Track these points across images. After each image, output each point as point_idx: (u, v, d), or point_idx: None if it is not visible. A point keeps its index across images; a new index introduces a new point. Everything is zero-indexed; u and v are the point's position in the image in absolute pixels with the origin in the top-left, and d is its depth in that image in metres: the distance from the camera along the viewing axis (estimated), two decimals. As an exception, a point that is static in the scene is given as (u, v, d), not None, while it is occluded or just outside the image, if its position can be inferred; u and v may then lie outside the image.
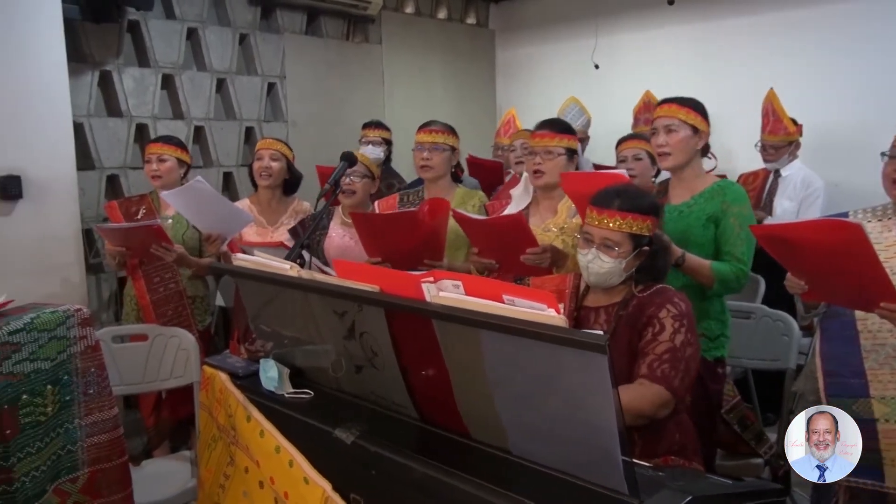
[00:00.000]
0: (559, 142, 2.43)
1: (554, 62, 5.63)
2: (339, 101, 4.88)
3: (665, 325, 1.80)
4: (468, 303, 1.35)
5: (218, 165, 4.29)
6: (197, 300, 3.16)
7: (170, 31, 4.05)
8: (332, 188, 2.56)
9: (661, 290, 1.89)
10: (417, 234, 2.44)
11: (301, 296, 1.76)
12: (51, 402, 1.66)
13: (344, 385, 1.81)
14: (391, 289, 1.52)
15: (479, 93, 5.90)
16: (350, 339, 1.66)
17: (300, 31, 4.71)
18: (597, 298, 1.96)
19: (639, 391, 1.74)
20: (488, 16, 6.06)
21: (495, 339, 1.31)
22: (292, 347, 1.94)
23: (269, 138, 3.35)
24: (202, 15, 4.20)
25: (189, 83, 4.14)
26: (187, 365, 2.75)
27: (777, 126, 3.82)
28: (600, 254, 1.86)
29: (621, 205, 1.86)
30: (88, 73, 3.72)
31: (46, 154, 3.11)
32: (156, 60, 3.99)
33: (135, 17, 3.88)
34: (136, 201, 3.16)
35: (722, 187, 2.29)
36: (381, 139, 4.05)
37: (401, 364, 1.58)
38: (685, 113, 2.28)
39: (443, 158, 2.82)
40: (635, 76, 4.98)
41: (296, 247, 2.43)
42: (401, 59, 5.30)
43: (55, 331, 1.69)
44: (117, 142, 3.85)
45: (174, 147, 3.12)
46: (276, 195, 3.24)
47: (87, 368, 1.76)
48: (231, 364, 2.04)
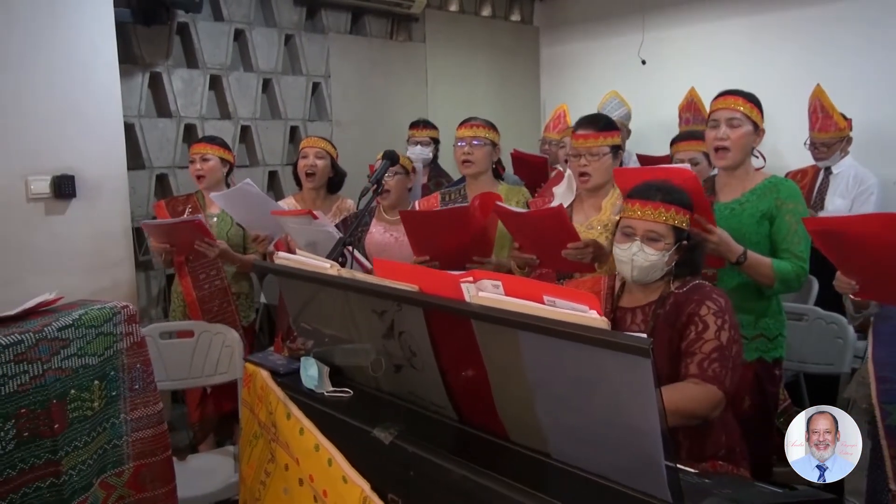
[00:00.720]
0: (603, 140, 2.37)
1: (599, 58, 5.55)
2: (383, 100, 4.90)
3: (708, 323, 1.76)
4: (508, 303, 1.33)
5: (263, 164, 4.35)
6: (241, 297, 3.21)
7: (217, 32, 4.12)
8: (375, 186, 2.57)
9: (698, 286, 1.86)
10: (468, 230, 2.41)
11: (341, 294, 1.76)
12: (98, 397, 1.69)
13: (383, 384, 1.80)
14: (430, 288, 1.50)
15: (523, 90, 5.86)
16: (389, 338, 1.65)
17: (345, 31, 4.74)
18: (633, 298, 1.93)
19: (691, 391, 1.70)
20: (532, 12, 6.01)
21: (535, 341, 1.29)
22: (332, 346, 1.94)
23: (313, 136, 3.37)
24: (249, 16, 4.26)
25: (236, 84, 4.21)
26: (231, 361, 2.79)
27: (827, 122, 3.69)
28: (645, 246, 1.82)
29: (664, 197, 1.84)
30: (139, 75, 3.81)
31: (98, 154, 3.19)
32: (204, 62, 4.06)
33: (184, 20, 3.95)
34: (183, 200, 3.22)
35: (774, 184, 2.22)
36: (430, 139, 4.04)
37: (440, 364, 1.57)
38: (749, 107, 2.21)
39: (484, 153, 2.79)
40: (682, 72, 4.88)
41: (338, 245, 2.43)
42: (444, 58, 5.29)
43: (102, 327, 1.72)
44: (166, 142, 3.93)
45: (217, 147, 3.17)
46: (320, 193, 3.26)
47: (133, 364, 1.79)
48: (272, 362, 2.05)
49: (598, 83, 5.36)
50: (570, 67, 5.79)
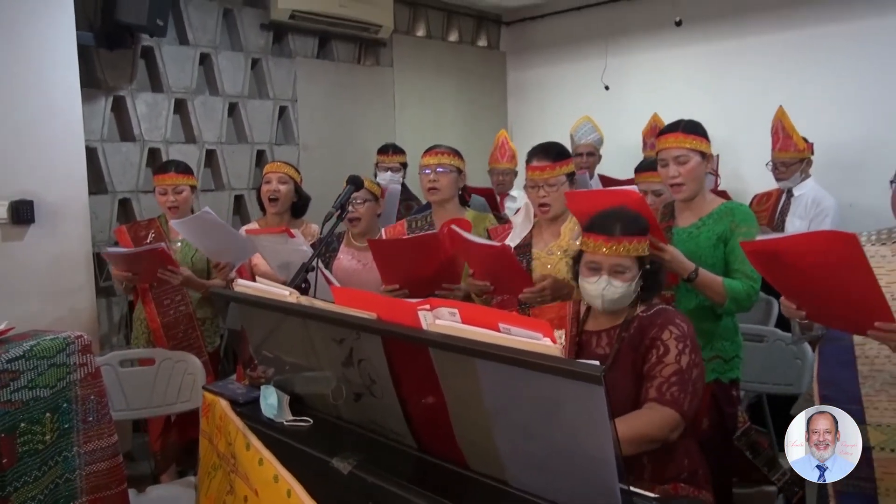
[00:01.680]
0: (560, 170, 2.41)
1: (565, 83, 5.64)
2: (351, 124, 4.91)
3: (669, 347, 1.79)
4: (464, 331, 1.33)
5: (229, 188, 4.32)
6: (206, 322, 3.17)
7: (183, 56, 4.10)
8: (339, 211, 2.56)
9: (662, 310, 1.89)
10: (436, 257, 2.41)
11: (301, 322, 1.75)
12: (49, 429, 1.65)
13: (343, 413, 1.79)
14: (388, 316, 1.50)
15: (491, 115, 5.92)
16: (349, 366, 1.64)
17: (312, 55, 4.75)
18: (598, 322, 1.96)
19: (648, 416, 1.72)
20: (499, 38, 6.09)
21: (491, 369, 1.29)
22: (293, 374, 1.92)
23: (277, 161, 3.36)
24: (215, 40, 4.26)
25: (201, 107, 4.19)
26: (194, 389, 2.75)
27: (787, 143, 3.79)
28: (612, 280, 1.85)
29: (624, 229, 1.87)
30: (102, 99, 3.78)
31: (59, 179, 3.14)
32: (169, 86, 4.04)
33: (148, 44, 3.93)
34: (145, 225, 3.19)
35: (730, 208, 2.30)
36: (399, 164, 4.04)
37: (398, 392, 1.56)
38: (692, 140, 2.27)
39: (449, 180, 2.80)
40: (645, 97, 4.98)
41: (300, 271, 2.42)
42: (412, 82, 5.33)
43: (55, 358, 1.69)
44: (130, 166, 3.89)
45: (186, 175, 3.14)
46: (284, 218, 3.24)
47: (87, 396, 1.75)
48: (232, 391, 2.02)
49: (563, 108, 5.45)
50: (536, 92, 5.87)
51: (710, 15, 4.83)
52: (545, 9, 5.69)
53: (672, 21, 4.76)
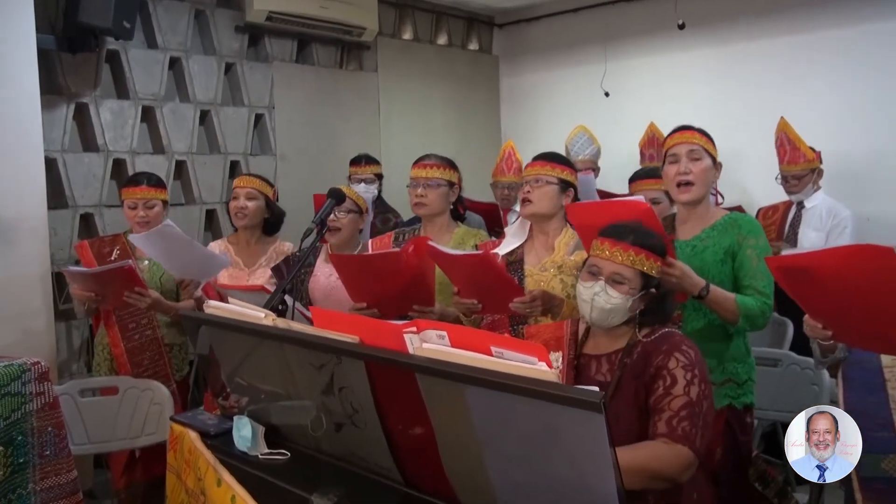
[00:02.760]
0: (550, 170, 2.45)
1: (562, 89, 5.69)
2: (332, 133, 4.93)
3: (677, 378, 1.77)
4: (453, 355, 1.34)
5: (200, 202, 4.32)
6: (175, 348, 3.15)
7: (151, 60, 4.12)
8: (319, 227, 2.57)
9: (667, 335, 1.88)
10: (403, 276, 2.42)
11: (277, 347, 1.75)
12: (2, 464, 1.63)
13: (323, 445, 1.78)
14: (372, 340, 1.50)
15: (483, 122, 5.96)
16: (329, 394, 1.64)
17: (290, 60, 4.78)
18: (598, 344, 1.95)
19: (660, 450, 1.71)
20: (492, 41, 6.14)
21: (483, 396, 1.30)
22: (269, 403, 1.92)
23: (245, 175, 3.35)
24: (186, 44, 4.27)
25: (171, 115, 4.20)
26: (161, 420, 2.74)
27: (795, 154, 3.84)
28: (608, 287, 1.85)
29: (635, 240, 1.87)
30: (63, 106, 3.78)
31: (15, 192, 3.12)
32: (135, 92, 4.05)
33: (114, 47, 3.94)
34: (110, 241, 3.17)
35: (734, 219, 2.31)
36: (374, 175, 4.06)
37: (383, 422, 1.56)
38: (705, 141, 2.33)
39: (439, 195, 2.81)
40: (647, 103, 5.03)
41: (277, 291, 2.42)
42: (398, 88, 5.36)
43: (9, 386, 1.68)
44: (93, 178, 3.88)
45: (158, 189, 3.12)
46: (254, 235, 3.23)
47: (44, 428, 1.74)
48: (202, 421, 2.01)
49: (560, 115, 5.49)
50: (531, 98, 5.92)
51: (715, 17, 4.90)
52: (540, 10, 5.75)
53: (675, 23, 4.82)
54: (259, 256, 3.22)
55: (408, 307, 2.46)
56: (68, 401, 2.65)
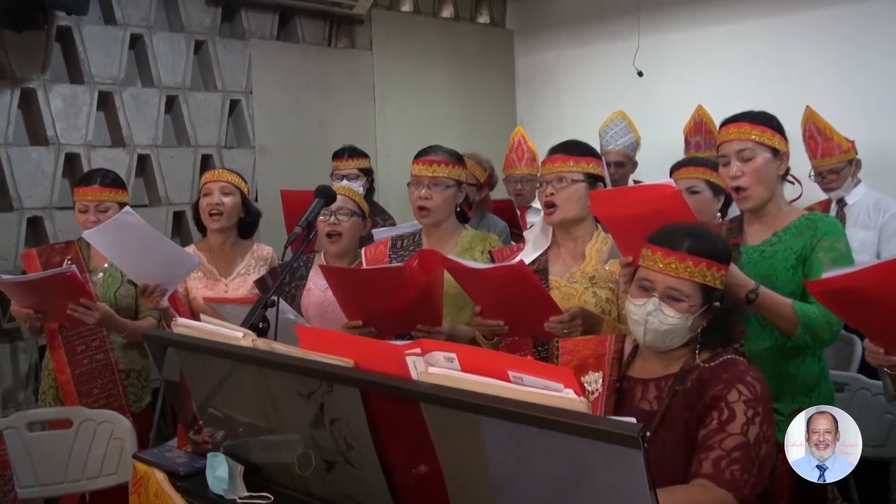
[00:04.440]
0: (574, 165, 2.42)
1: (587, 68, 5.70)
2: (320, 121, 4.96)
3: (735, 413, 1.76)
4: (465, 381, 1.34)
5: (167, 203, 4.35)
6: (132, 375, 3.13)
7: (109, 38, 4.15)
8: (305, 231, 2.56)
9: (730, 362, 1.87)
10: (407, 293, 2.40)
11: (258, 372, 1.75)
12: (-63, 512, 1.63)
13: (312, 486, 1.78)
14: (369, 363, 1.51)
15: (495, 108, 5.97)
16: (319, 427, 1.65)
17: (270, 37, 4.81)
18: (646, 367, 1.94)
19: (697, 496, 1.71)
20: (505, 13, 6.16)
21: (499, 429, 1.30)
22: (248, 438, 1.92)
23: (217, 169, 3.38)
24: (149, 18, 4.31)
25: (132, 102, 4.23)
26: (122, 459, 2.74)
27: (829, 146, 3.85)
28: (663, 306, 1.84)
29: (692, 247, 1.86)
30: (7, 93, 3.81)
31: (-49, 193, 3.16)
32: (91, 75, 4.08)
33: (65, 23, 3.98)
34: (61, 249, 3.17)
35: (813, 220, 2.28)
36: (359, 170, 4.03)
37: (382, 459, 1.56)
38: (759, 132, 2.27)
39: (445, 198, 2.77)
40: (687, 84, 5.03)
41: (257, 306, 2.41)
42: (396, 68, 5.38)
43: (-55, 420, 1.67)
44: (41, 176, 3.91)
45: (114, 189, 3.11)
46: (229, 238, 3.24)
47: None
48: (170, 460, 2.02)
49: (586, 99, 5.49)
50: (551, 79, 5.93)
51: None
52: (562, -24, 5.78)
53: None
54: (236, 263, 3.23)
55: (411, 326, 2.45)
56: (14, 435, 2.66)
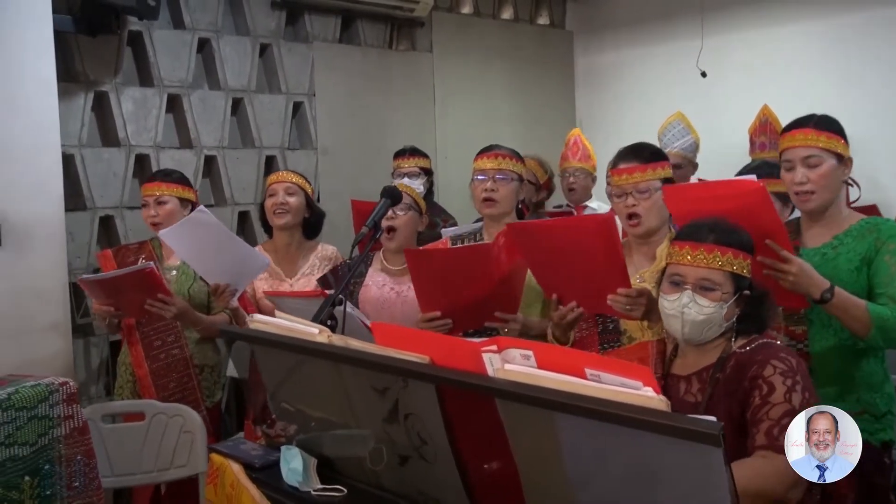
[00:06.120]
0: (652, 173, 2.41)
1: (649, 69, 5.65)
2: (381, 123, 5.00)
3: (774, 385, 1.82)
4: (542, 378, 1.36)
5: (232, 203, 4.43)
6: (206, 370, 3.23)
7: (178, 42, 4.24)
8: (372, 231, 2.61)
9: (764, 346, 1.91)
10: (489, 276, 2.43)
11: (332, 368, 1.79)
12: (28, 496, 1.71)
13: (385, 481, 1.81)
14: (444, 359, 1.53)
15: (554, 110, 5.96)
16: (392, 422, 1.67)
17: (333, 40, 4.86)
18: (686, 363, 1.99)
19: (760, 466, 1.74)
20: (565, 14, 6.14)
21: (576, 425, 1.31)
22: (320, 432, 1.96)
23: (282, 171, 3.46)
24: (216, 23, 4.39)
25: (199, 104, 4.31)
26: (192, 451, 2.81)
27: None
28: (697, 297, 1.89)
29: (718, 238, 1.91)
30: (81, 96, 3.91)
31: (30, 192, 3.24)
32: (160, 78, 4.17)
33: (137, 28, 4.07)
34: (135, 249, 3.27)
35: (874, 224, 2.31)
36: (419, 169, 4.08)
37: (456, 455, 1.58)
38: (827, 139, 2.29)
39: (509, 190, 2.85)
40: (752, 85, 4.96)
41: (325, 304, 2.46)
42: (456, 70, 5.41)
43: (36, 409, 1.75)
44: (113, 176, 4.01)
45: (175, 184, 3.21)
46: (294, 238, 3.31)
47: (73, 456, 1.81)
48: (245, 452, 2.06)
49: (647, 100, 5.45)
50: (611, 80, 5.89)
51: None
52: (623, -23, 5.75)
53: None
54: (300, 263, 3.30)
55: (487, 316, 2.48)
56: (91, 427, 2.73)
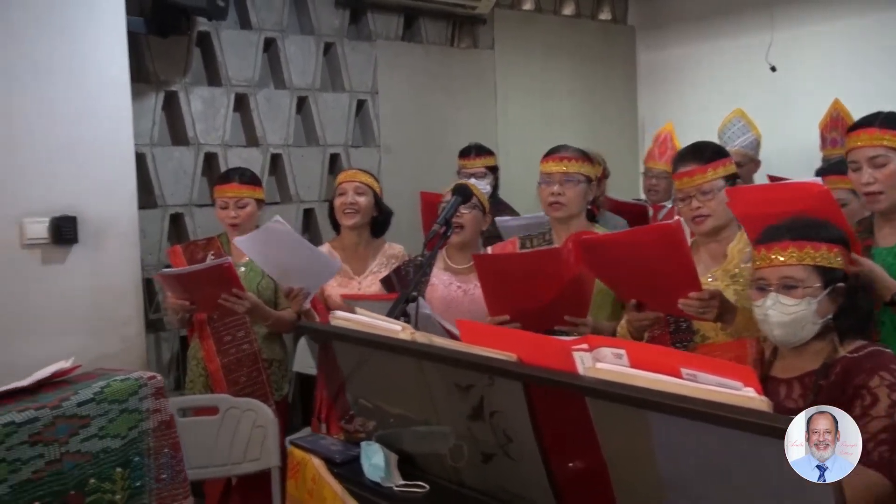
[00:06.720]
0: (714, 173, 2.39)
1: (714, 64, 5.58)
2: (443, 120, 5.02)
3: (879, 397, 1.77)
4: (635, 377, 1.36)
5: (297, 201, 4.48)
6: (274, 364, 3.29)
7: (244, 42, 4.31)
8: (444, 228, 2.62)
9: (876, 353, 1.86)
10: (559, 280, 2.44)
11: (414, 365, 1.80)
12: (120, 488, 1.75)
13: (466, 478, 1.82)
14: (532, 358, 1.53)
15: (616, 105, 5.92)
16: (476, 419, 1.68)
17: (395, 38, 4.90)
18: (787, 366, 1.95)
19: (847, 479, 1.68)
20: (627, 10, 6.10)
21: (671, 425, 1.31)
22: (400, 428, 1.97)
23: (351, 169, 3.52)
24: (282, 22, 4.45)
25: (265, 103, 4.38)
26: (264, 445, 2.84)
27: None
28: (780, 297, 1.85)
29: (795, 234, 1.88)
30: (152, 96, 4.00)
31: (105, 191, 3.33)
32: (228, 78, 4.24)
33: (205, 28, 4.15)
34: (203, 245, 3.33)
35: None
36: (485, 169, 4.08)
37: (543, 453, 1.58)
38: (890, 137, 2.26)
39: (577, 193, 2.82)
40: (825, 79, 4.88)
41: (399, 301, 2.48)
42: (517, 67, 5.40)
43: (126, 402, 1.80)
44: (183, 174, 4.09)
45: (252, 186, 3.29)
46: (362, 237, 3.35)
47: (161, 448, 1.85)
48: (325, 447, 2.09)
49: (713, 96, 5.38)
50: (675, 77, 5.84)
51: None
52: (687, -30, 5.69)
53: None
54: (368, 261, 3.34)
55: (556, 320, 2.48)
56: (174, 421, 2.80)
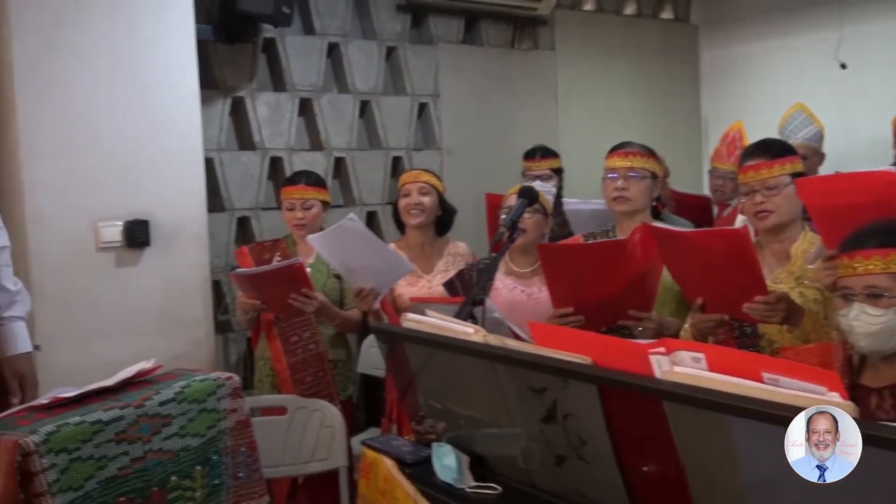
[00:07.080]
0: (780, 169, 2.37)
1: (780, 62, 5.48)
2: (504, 123, 5.02)
3: None
4: (714, 381, 1.35)
5: (361, 203, 4.53)
6: (339, 365, 3.33)
7: (308, 48, 4.37)
8: (510, 230, 2.62)
9: None
10: (625, 272, 2.43)
11: (486, 367, 1.81)
12: (199, 485, 1.80)
13: (538, 480, 1.82)
14: (606, 360, 1.53)
15: (679, 105, 5.86)
16: (550, 422, 1.68)
17: (457, 41, 4.92)
18: (879, 375, 1.90)
19: None
20: (689, 8, 6.03)
21: (755, 430, 1.29)
22: (470, 430, 1.98)
23: (414, 170, 3.55)
24: (345, 27, 4.50)
25: (329, 108, 4.43)
26: (332, 446, 2.88)
27: None
28: (866, 306, 1.82)
29: (880, 242, 1.84)
30: (219, 102, 4.09)
31: (176, 195, 3.42)
32: (293, 83, 4.31)
33: (271, 35, 4.22)
34: (270, 247, 3.39)
35: None
36: (550, 171, 4.08)
37: (618, 457, 1.58)
38: None
39: (642, 188, 2.83)
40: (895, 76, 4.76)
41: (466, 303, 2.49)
42: (578, 68, 5.39)
43: (206, 402, 1.84)
44: (249, 178, 4.17)
45: (317, 188, 3.34)
46: (428, 236, 3.38)
47: (238, 447, 1.89)
48: (396, 448, 2.11)
49: (779, 94, 5.27)
50: (739, 75, 5.75)
51: None
52: (751, -33, 5.61)
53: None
54: (435, 259, 3.38)
55: (621, 314, 2.47)
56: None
